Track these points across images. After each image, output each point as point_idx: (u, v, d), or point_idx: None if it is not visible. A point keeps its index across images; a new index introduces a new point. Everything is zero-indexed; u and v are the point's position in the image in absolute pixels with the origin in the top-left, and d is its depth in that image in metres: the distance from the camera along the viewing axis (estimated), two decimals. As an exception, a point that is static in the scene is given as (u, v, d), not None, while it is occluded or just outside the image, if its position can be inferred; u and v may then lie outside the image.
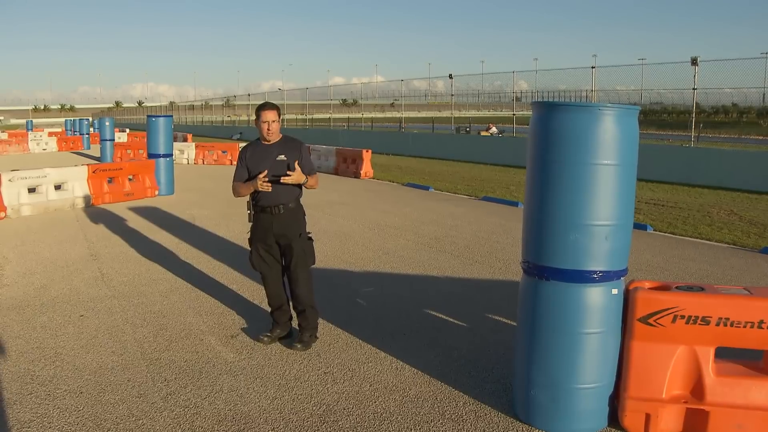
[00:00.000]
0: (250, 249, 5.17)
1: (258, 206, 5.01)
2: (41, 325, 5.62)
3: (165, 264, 7.88)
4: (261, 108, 5.00)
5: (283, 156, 4.93)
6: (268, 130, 4.94)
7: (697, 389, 3.59)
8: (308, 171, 5.00)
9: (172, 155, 15.36)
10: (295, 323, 5.30)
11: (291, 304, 5.22)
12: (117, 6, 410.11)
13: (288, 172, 4.83)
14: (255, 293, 6.55)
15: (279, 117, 5.02)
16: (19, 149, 32.05)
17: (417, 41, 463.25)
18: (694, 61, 17.88)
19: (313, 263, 5.14)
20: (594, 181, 3.49)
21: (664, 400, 3.60)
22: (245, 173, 5.02)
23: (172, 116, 16.92)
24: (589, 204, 3.50)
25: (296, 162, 4.91)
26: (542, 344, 3.69)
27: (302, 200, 5.13)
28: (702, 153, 18.08)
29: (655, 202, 13.06)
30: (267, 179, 4.83)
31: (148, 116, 15.45)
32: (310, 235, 5.14)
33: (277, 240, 5.05)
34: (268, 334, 5.19)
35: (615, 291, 3.62)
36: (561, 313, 3.62)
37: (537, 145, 3.64)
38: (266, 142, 5.03)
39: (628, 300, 3.65)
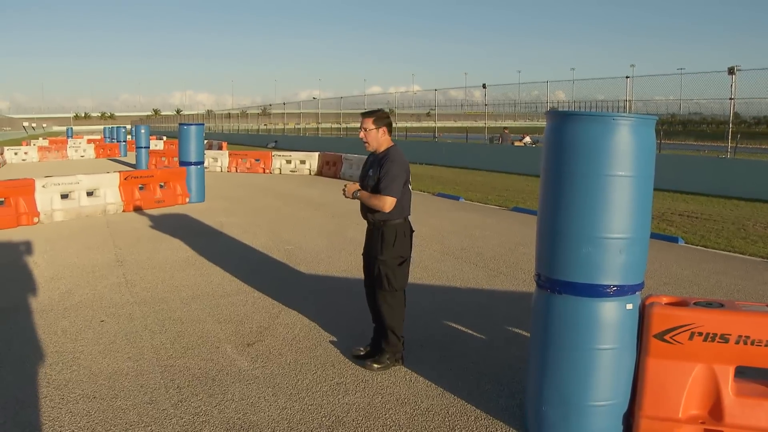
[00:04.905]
0: None
1: None
2: (62, 330, 5.70)
3: (189, 271, 7.94)
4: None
5: (371, 171, 4.81)
6: (363, 138, 4.88)
7: (716, 410, 3.46)
8: (376, 188, 4.70)
9: (203, 163, 15.53)
10: None
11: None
12: (158, 15, 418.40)
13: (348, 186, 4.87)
14: (275, 302, 6.55)
15: (377, 125, 4.78)
16: (58, 156, 32.90)
17: (454, 51, 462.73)
18: (731, 71, 17.52)
19: (397, 289, 4.79)
20: (608, 192, 3.40)
21: (680, 420, 3.48)
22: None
23: (203, 124, 17.12)
24: (602, 216, 3.41)
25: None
26: (554, 360, 3.60)
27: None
28: (739, 164, 17.65)
29: (689, 214, 12.76)
30: (353, 191, 4.84)
31: (180, 124, 15.66)
32: (402, 260, 4.79)
33: (365, 253, 5.00)
34: (361, 348, 5.14)
35: (630, 306, 3.52)
36: (574, 328, 3.52)
37: (551, 156, 3.57)
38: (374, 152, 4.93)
39: (643, 315, 3.54)
